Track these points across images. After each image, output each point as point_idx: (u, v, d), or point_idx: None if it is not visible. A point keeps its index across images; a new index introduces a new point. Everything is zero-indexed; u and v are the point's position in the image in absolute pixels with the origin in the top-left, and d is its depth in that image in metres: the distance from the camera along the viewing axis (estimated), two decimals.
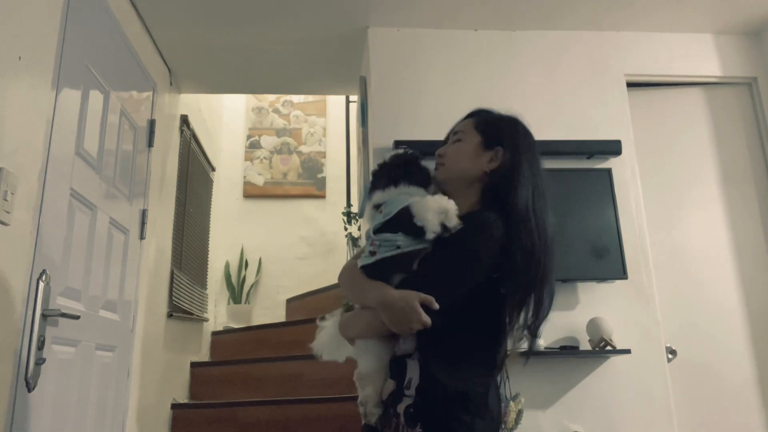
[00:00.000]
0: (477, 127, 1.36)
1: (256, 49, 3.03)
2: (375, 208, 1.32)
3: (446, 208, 1.21)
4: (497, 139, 1.32)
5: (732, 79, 2.92)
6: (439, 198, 1.25)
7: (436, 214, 1.21)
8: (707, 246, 2.74)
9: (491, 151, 1.31)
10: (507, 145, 1.31)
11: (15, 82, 1.57)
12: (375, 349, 1.28)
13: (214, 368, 3.75)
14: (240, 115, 5.29)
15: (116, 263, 2.31)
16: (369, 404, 1.25)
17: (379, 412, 1.24)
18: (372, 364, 1.28)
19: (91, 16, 2.08)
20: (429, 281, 1.19)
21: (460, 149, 1.35)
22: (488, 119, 1.38)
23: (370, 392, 1.26)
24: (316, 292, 4.43)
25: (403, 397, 1.19)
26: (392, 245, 1.23)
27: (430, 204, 1.23)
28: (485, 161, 1.31)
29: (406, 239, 1.22)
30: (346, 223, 4.09)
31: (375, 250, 1.26)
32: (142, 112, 2.65)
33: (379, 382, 1.26)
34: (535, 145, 1.35)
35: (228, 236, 4.85)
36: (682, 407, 2.54)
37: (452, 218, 1.20)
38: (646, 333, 2.54)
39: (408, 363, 1.22)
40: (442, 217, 1.20)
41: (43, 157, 1.71)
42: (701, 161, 2.84)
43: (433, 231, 1.20)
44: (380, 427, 1.24)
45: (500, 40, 2.86)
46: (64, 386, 1.84)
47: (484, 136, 1.34)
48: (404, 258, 1.22)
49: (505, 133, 1.33)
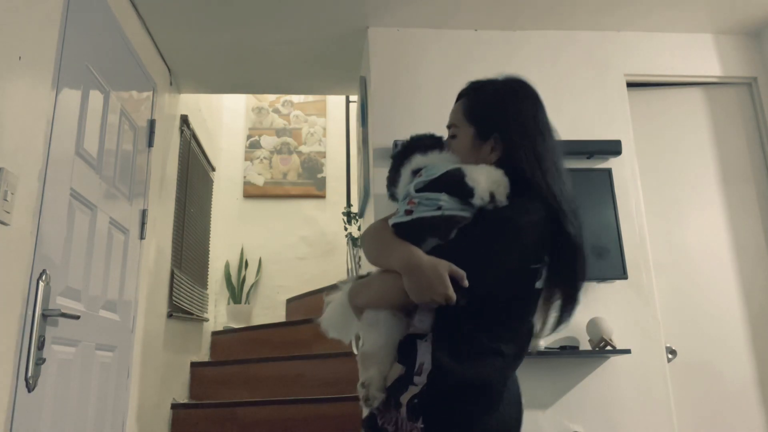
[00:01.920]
0: (466, 115, 1.22)
1: (256, 49, 3.03)
2: (413, 173, 1.19)
3: (500, 180, 1.10)
4: (492, 124, 1.18)
5: (732, 79, 2.92)
6: (495, 168, 1.13)
7: (490, 181, 1.09)
8: (707, 246, 2.74)
9: (489, 141, 1.18)
10: (501, 128, 1.16)
11: (15, 82, 1.57)
12: (385, 324, 1.14)
13: (214, 368, 3.75)
14: (240, 115, 5.30)
15: (116, 263, 2.31)
16: (372, 387, 1.10)
17: (382, 396, 1.10)
18: (379, 341, 1.13)
19: (91, 16, 2.08)
20: (463, 254, 1.06)
21: (458, 147, 1.22)
22: (478, 101, 1.23)
23: (375, 374, 1.11)
24: (316, 292, 4.43)
25: (410, 386, 1.07)
26: (434, 205, 1.10)
27: (485, 170, 1.12)
28: (486, 154, 1.18)
29: (451, 201, 1.09)
30: (346, 223, 4.09)
31: (412, 209, 1.12)
32: (142, 112, 2.65)
33: (386, 364, 1.12)
34: (532, 112, 1.19)
35: (228, 236, 4.85)
36: (682, 407, 2.53)
37: (503, 192, 1.09)
38: (646, 333, 2.54)
39: (419, 345, 1.09)
40: (495, 187, 1.09)
41: (43, 157, 1.71)
42: (701, 161, 2.84)
43: (482, 197, 1.07)
44: (378, 417, 1.10)
45: (500, 40, 2.86)
46: (64, 386, 1.84)
47: (476, 125, 1.20)
48: (443, 221, 1.09)
49: (498, 113, 1.18)
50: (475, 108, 1.22)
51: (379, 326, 1.14)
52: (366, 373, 1.13)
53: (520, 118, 1.17)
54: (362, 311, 1.18)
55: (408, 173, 1.20)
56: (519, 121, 1.17)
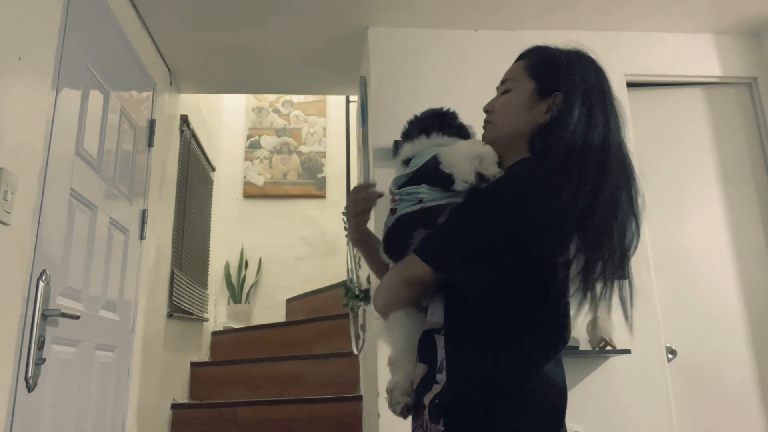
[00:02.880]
0: (529, 70, 1.12)
1: (256, 49, 3.03)
2: (404, 164, 1.12)
3: (481, 153, 1.01)
4: (555, 82, 1.07)
5: (732, 79, 2.92)
6: (473, 142, 1.05)
7: (469, 160, 1.00)
8: (707, 246, 2.74)
9: (548, 99, 1.07)
10: (565, 87, 1.06)
11: (15, 82, 1.57)
12: (401, 325, 1.08)
13: (214, 368, 3.76)
14: (240, 115, 5.29)
15: (116, 263, 2.31)
16: (395, 392, 1.05)
17: (406, 401, 1.05)
18: (398, 344, 1.08)
19: (91, 16, 2.08)
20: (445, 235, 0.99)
21: (510, 102, 1.11)
22: (543, 58, 1.14)
23: (399, 378, 1.06)
24: (316, 292, 4.44)
25: (434, 385, 0.99)
26: (414, 199, 1.03)
27: (462, 149, 1.03)
28: (541, 112, 1.07)
29: (431, 192, 1.02)
30: (346, 223, 4.09)
31: (395, 207, 1.07)
32: (142, 112, 2.65)
33: (410, 366, 1.06)
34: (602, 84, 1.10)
35: (228, 236, 4.85)
36: (682, 407, 2.53)
37: (490, 165, 1.00)
38: (646, 333, 2.54)
39: (437, 340, 1.02)
40: (477, 164, 1.00)
41: (43, 157, 1.71)
42: (701, 161, 2.84)
43: (465, 180, 0.99)
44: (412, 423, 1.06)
45: (500, 40, 2.86)
46: (64, 386, 1.84)
47: (539, 80, 1.10)
48: (426, 213, 1.02)
49: (564, 73, 1.08)
50: (540, 65, 1.13)
51: (396, 328, 1.09)
52: (392, 378, 1.09)
53: (586, 83, 1.08)
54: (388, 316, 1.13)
55: (399, 165, 1.14)
56: (585, 87, 1.07)
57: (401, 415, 1.06)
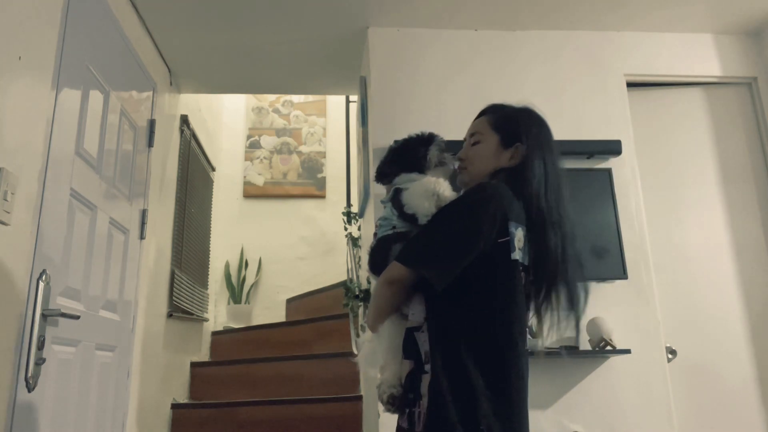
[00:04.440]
0: (494, 125, 1.37)
1: (256, 49, 3.03)
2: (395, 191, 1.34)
3: (435, 192, 1.22)
4: (515, 135, 1.33)
5: (732, 79, 2.92)
6: (428, 181, 1.25)
7: (427, 199, 1.22)
8: (707, 246, 2.74)
9: (511, 149, 1.32)
10: (525, 140, 1.31)
11: (15, 82, 1.57)
12: (386, 330, 1.26)
13: (214, 368, 3.75)
14: (240, 115, 5.29)
15: (116, 263, 2.31)
16: (383, 385, 1.23)
17: (392, 391, 1.22)
18: (382, 346, 1.26)
19: (91, 16, 2.08)
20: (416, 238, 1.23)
21: (481, 151, 1.36)
22: (504, 116, 1.38)
23: (387, 376, 1.24)
24: (316, 292, 4.44)
25: (423, 375, 1.17)
26: (389, 225, 1.29)
27: (419, 190, 1.24)
28: (505, 159, 1.33)
29: (402, 222, 1.27)
30: (346, 223, 4.09)
31: (377, 231, 1.33)
32: (142, 112, 2.65)
33: (396, 365, 1.23)
34: (549, 136, 1.36)
35: (228, 236, 4.85)
36: (682, 407, 2.53)
37: (445, 198, 1.22)
38: (646, 333, 2.54)
39: (417, 336, 1.21)
40: (435, 200, 1.22)
41: (43, 157, 1.71)
42: (701, 161, 2.84)
43: (426, 216, 1.22)
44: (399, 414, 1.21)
45: (500, 40, 2.86)
46: (64, 386, 1.84)
47: (502, 134, 1.35)
48: (399, 235, 1.27)
49: (522, 128, 1.33)
50: (501, 120, 1.38)
51: (382, 334, 1.26)
52: (381, 377, 1.25)
53: (540, 135, 1.34)
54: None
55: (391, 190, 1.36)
56: (539, 137, 1.33)
57: (388, 405, 1.22)
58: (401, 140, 1.41)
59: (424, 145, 1.36)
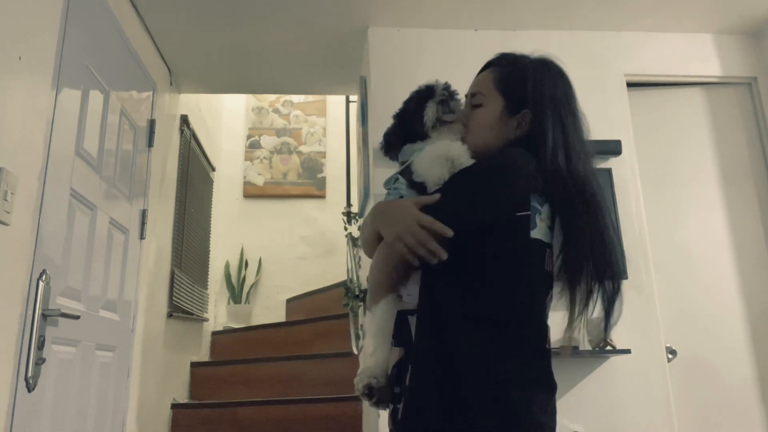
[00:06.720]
0: (498, 87, 1.16)
1: (256, 49, 3.03)
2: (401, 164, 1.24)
3: (450, 155, 1.07)
4: (522, 99, 1.12)
5: (732, 79, 2.92)
6: (441, 145, 1.10)
7: (438, 166, 1.07)
8: (707, 246, 2.74)
9: (517, 116, 1.12)
10: (532, 105, 1.10)
11: (15, 82, 1.57)
12: (379, 311, 1.09)
13: (214, 368, 3.76)
14: (240, 115, 5.29)
15: (116, 263, 2.31)
16: (363, 374, 1.06)
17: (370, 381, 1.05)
18: (370, 330, 1.09)
19: (91, 16, 2.08)
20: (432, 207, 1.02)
21: (482, 118, 1.15)
22: (510, 71, 1.17)
23: (371, 363, 1.07)
24: (316, 292, 4.44)
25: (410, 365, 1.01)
26: (397, 194, 1.14)
27: (431, 155, 1.09)
28: (512, 128, 1.13)
29: (410, 191, 1.12)
30: (346, 223, 4.09)
31: (385, 198, 1.21)
32: (142, 112, 2.65)
33: (383, 352, 1.06)
34: (567, 95, 1.14)
35: (228, 236, 4.85)
36: (682, 407, 2.53)
37: (460, 163, 1.06)
38: (646, 333, 2.54)
39: (411, 321, 1.03)
40: (449, 166, 1.06)
41: (43, 157, 1.71)
42: (701, 161, 2.84)
43: (437, 184, 1.06)
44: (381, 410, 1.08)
45: (500, 40, 2.86)
46: (64, 386, 1.84)
47: (507, 98, 1.14)
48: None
49: (531, 89, 1.12)
50: (508, 79, 1.17)
51: (374, 315, 1.09)
52: (364, 363, 1.08)
53: (554, 98, 1.12)
54: None
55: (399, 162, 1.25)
56: (553, 102, 1.11)
57: (365, 396, 1.06)
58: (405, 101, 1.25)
59: (424, 102, 1.20)
